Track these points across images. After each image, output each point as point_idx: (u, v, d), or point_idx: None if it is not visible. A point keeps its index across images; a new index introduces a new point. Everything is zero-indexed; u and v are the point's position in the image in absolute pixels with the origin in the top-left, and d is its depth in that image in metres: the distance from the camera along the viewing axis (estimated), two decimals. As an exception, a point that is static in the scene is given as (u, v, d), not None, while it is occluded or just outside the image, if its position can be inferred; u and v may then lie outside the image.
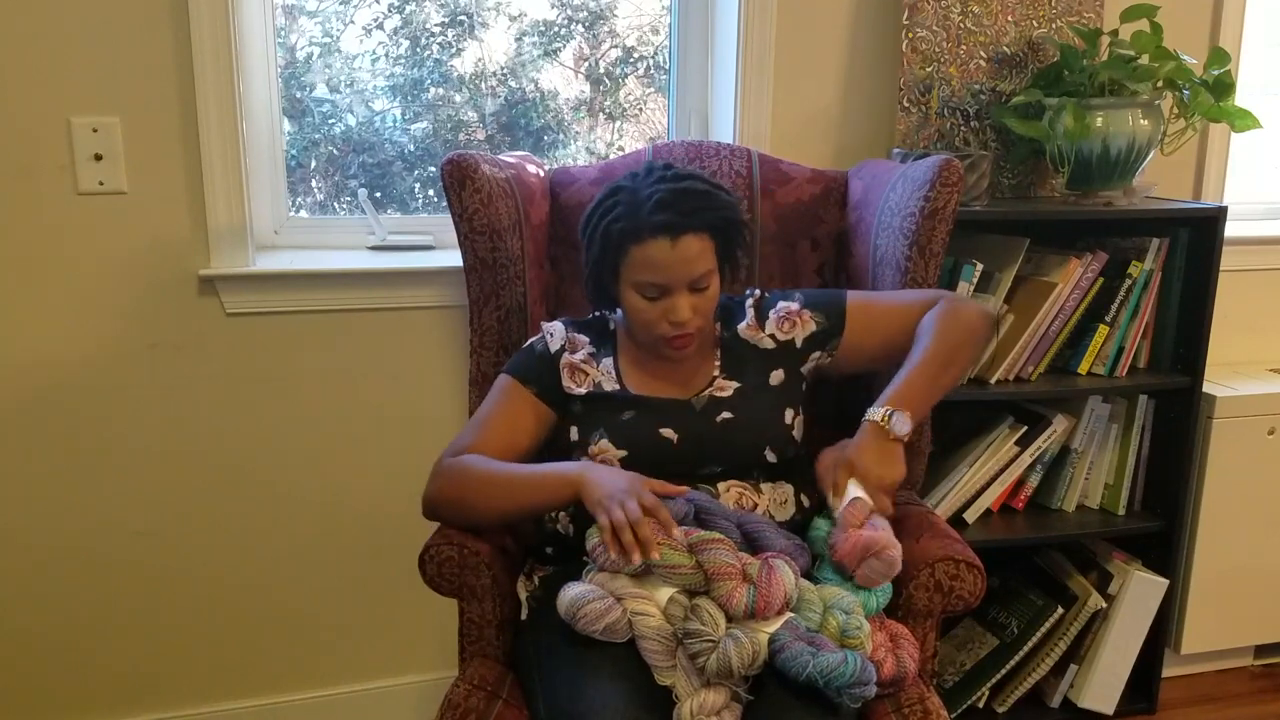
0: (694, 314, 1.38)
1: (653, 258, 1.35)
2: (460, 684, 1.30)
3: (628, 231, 1.36)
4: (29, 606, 1.85)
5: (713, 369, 1.49)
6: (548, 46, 2.09)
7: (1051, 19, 2.03)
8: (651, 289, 1.38)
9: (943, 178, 1.54)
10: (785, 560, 1.26)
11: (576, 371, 1.47)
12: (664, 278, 1.36)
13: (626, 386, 1.46)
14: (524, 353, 1.51)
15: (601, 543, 1.24)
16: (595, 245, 1.41)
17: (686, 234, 1.35)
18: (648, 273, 1.36)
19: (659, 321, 1.39)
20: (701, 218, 1.36)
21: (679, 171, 1.40)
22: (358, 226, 2.00)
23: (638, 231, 1.35)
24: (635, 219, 1.36)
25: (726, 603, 1.20)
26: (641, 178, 1.39)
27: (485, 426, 1.44)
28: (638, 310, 1.40)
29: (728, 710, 1.18)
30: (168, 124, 1.73)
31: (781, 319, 1.50)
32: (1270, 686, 2.29)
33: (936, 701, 1.28)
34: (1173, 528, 2.05)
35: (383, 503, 1.96)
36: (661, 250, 1.35)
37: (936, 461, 2.00)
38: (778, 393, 1.48)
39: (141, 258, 1.77)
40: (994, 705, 2.05)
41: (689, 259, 1.36)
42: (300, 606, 1.98)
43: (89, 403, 1.80)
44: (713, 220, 1.38)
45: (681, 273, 1.36)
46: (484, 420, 1.45)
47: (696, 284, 1.38)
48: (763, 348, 1.49)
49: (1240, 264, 2.27)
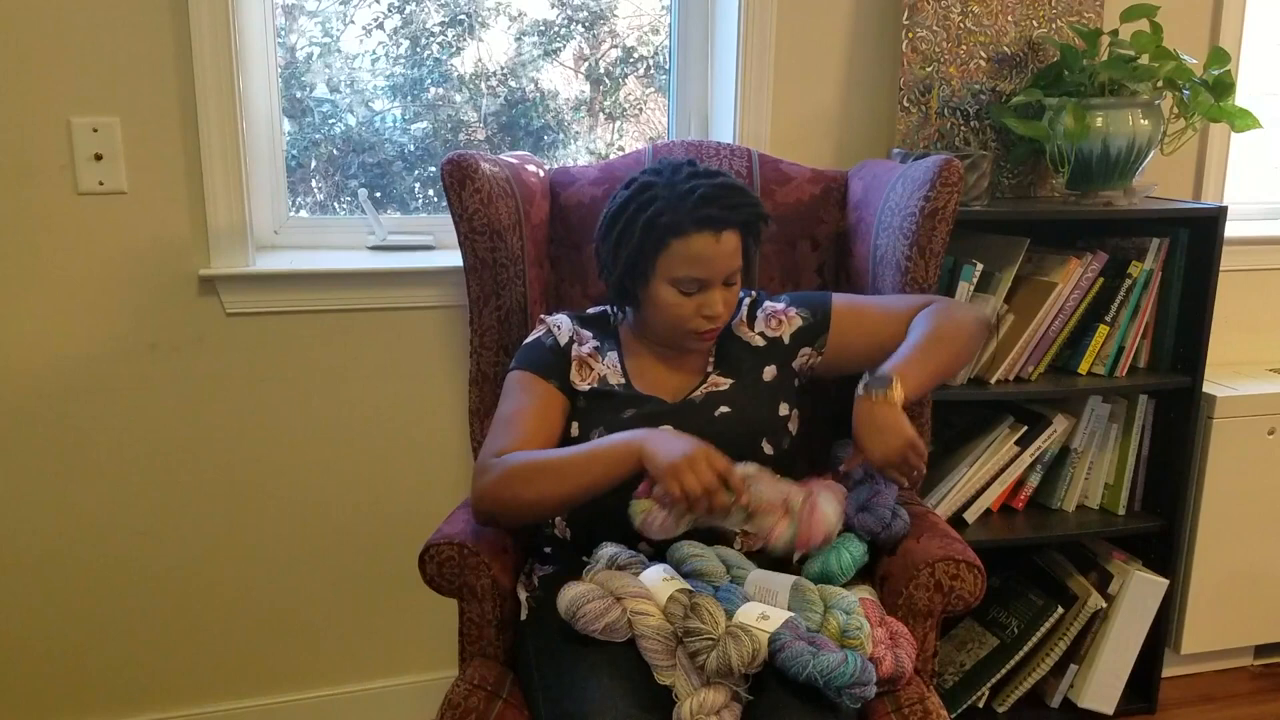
0: (725, 307, 1.41)
1: (698, 252, 1.36)
2: (460, 684, 1.30)
3: (671, 226, 1.35)
4: (29, 606, 1.85)
5: (707, 365, 1.50)
6: (548, 46, 2.09)
7: (1051, 19, 2.03)
8: (691, 283, 1.38)
9: (943, 178, 1.54)
10: (830, 493, 1.24)
11: (583, 366, 1.47)
12: (706, 272, 1.37)
13: (631, 382, 1.46)
14: (533, 348, 1.50)
15: (651, 512, 1.23)
16: (632, 238, 1.38)
17: (728, 229, 1.37)
18: (689, 267, 1.37)
19: (692, 316, 1.40)
20: (741, 213, 1.38)
21: (709, 168, 1.41)
22: (358, 226, 2.00)
23: (681, 225, 1.35)
24: (679, 213, 1.35)
25: (768, 538, 1.19)
26: (670, 174, 1.39)
27: (518, 423, 1.41)
28: (670, 305, 1.40)
29: (727, 710, 1.18)
30: (168, 124, 1.73)
31: (768, 317, 1.52)
32: (1270, 686, 2.29)
33: (936, 701, 1.28)
34: (1173, 528, 2.05)
35: (383, 502, 1.96)
36: (706, 245, 1.36)
37: (936, 461, 2.01)
38: (772, 387, 1.49)
39: (141, 258, 1.77)
40: (994, 705, 2.05)
41: (729, 254, 1.38)
42: (300, 606, 1.98)
43: (89, 402, 1.80)
44: (748, 216, 1.40)
45: (722, 267, 1.38)
46: (514, 417, 1.41)
47: (730, 278, 1.41)
48: (754, 345, 1.51)
49: (1240, 264, 2.27)
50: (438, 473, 1.98)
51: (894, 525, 1.40)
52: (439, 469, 1.98)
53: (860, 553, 1.40)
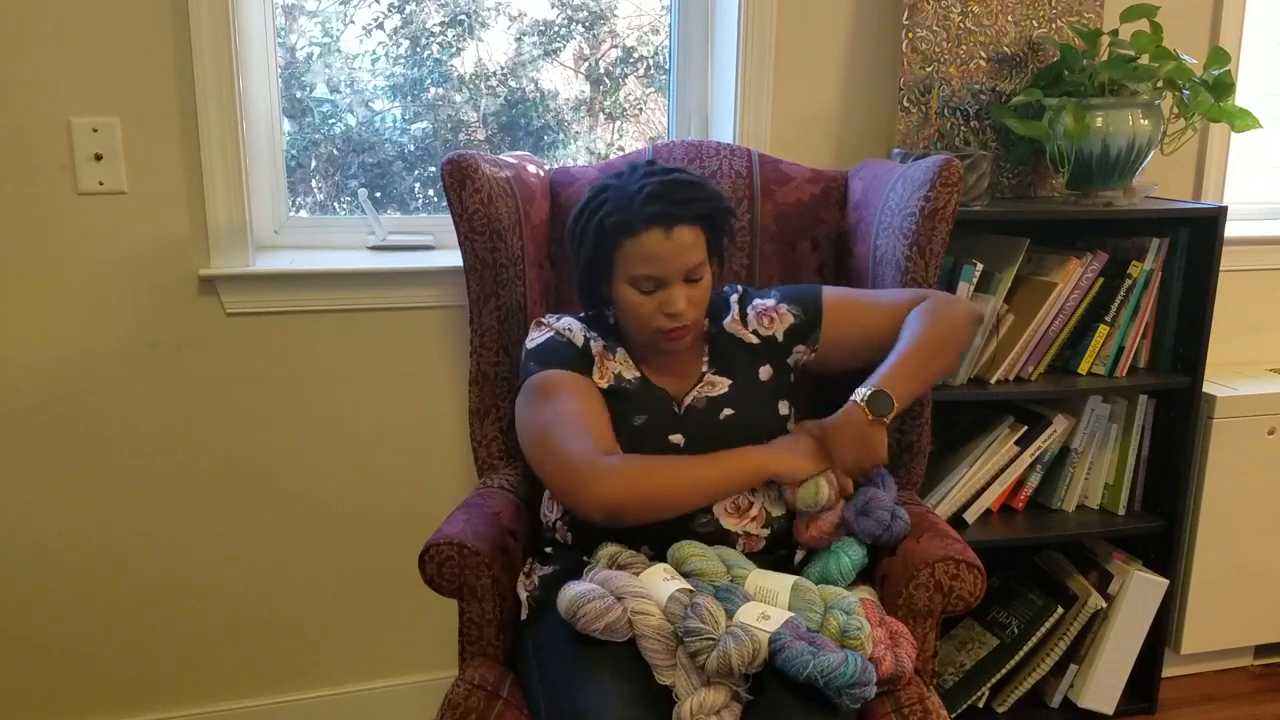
0: (689, 306, 1.38)
1: (648, 250, 1.35)
2: (460, 684, 1.30)
3: (621, 225, 1.35)
4: (29, 606, 1.85)
5: (700, 364, 1.49)
6: (548, 46, 2.09)
7: (1051, 19, 2.03)
8: (647, 282, 1.37)
9: (943, 178, 1.54)
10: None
11: (600, 364, 1.47)
12: (660, 269, 1.36)
13: (645, 375, 1.46)
14: (555, 348, 1.46)
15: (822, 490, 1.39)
16: (587, 242, 1.39)
17: (680, 225, 1.35)
18: (643, 266, 1.36)
19: (654, 315, 1.38)
20: (693, 208, 1.37)
21: (664, 166, 1.41)
22: (358, 226, 2.00)
23: (631, 224, 1.35)
24: (628, 212, 1.35)
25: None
26: (627, 175, 1.39)
27: (587, 422, 1.36)
28: (632, 305, 1.39)
29: (727, 710, 1.18)
30: (168, 124, 1.73)
31: (760, 315, 1.51)
32: (1270, 686, 2.29)
33: (936, 701, 1.28)
34: (1173, 528, 2.05)
35: (383, 502, 1.96)
36: (656, 242, 1.34)
37: (936, 461, 2.00)
38: (770, 388, 1.49)
39: (141, 258, 1.77)
40: (994, 705, 2.05)
41: (683, 250, 1.36)
42: (300, 606, 1.98)
43: (89, 402, 1.80)
44: (703, 210, 1.38)
45: (677, 264, 1.36)
46: (578, 417, 1.37)
47: (691, 274, 1.38)
48: (748, 343, 1.50)
49: (1240, 264, 2.27)
50: (438, 473, 1.98)
51: (894, 526, 1.40)
52: (439, 469, 1.98)
53: (860, 556, 1.40)
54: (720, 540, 1.38)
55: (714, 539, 1.37)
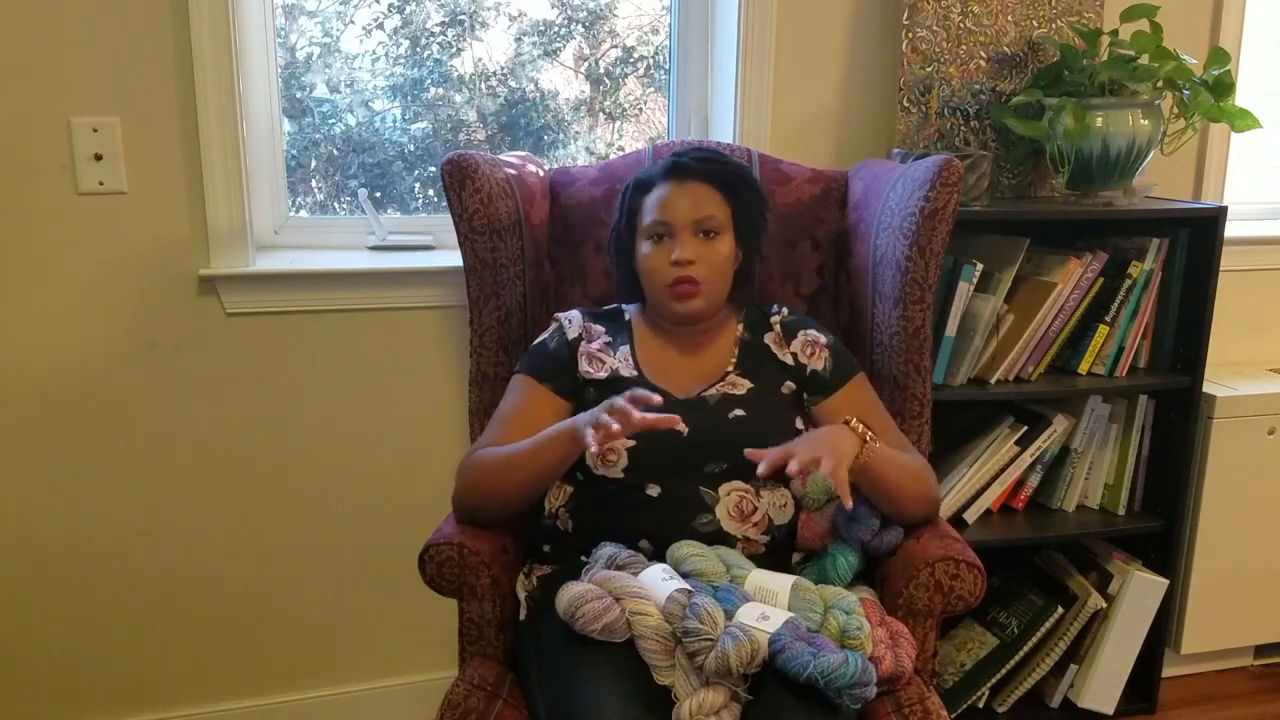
0: (699, 260, 1.42)
1: (661, 198, 1.44)
2: (460, 684, 1.30)
3: (642, 181, 1.49)
4: (29, 606, 1.85)
5: (727, 364, 1.50)
6: (548, 46, 2.09)
7: (1051, 19, 2.03)
8: (658, 227, 1.44)
9: (943, 178, 1.54)
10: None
11: (594, 359, 1.49)
12: (669, 215, 1.43)
13: (644, 373, 1.47)
14: (534, 352, 1.53)
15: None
16: (621, 209, 1.51)
17: (694, 180, 1.44)
18: (654, 213, 1.44)
19: (663, 267, 1.43)
20: (710, 167, 1.45)
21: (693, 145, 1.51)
22: (358, 226, 2.00)
23: (650, 179, 1.47)
24: (649, 172, 1.49)
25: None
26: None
27: (505, 423, 1.46)
28: (646, 260, 1.46)
29: (727, 710, 1.18)
30: (168, 124, 1.73)
31: (808, 343, 1.52)
32: (1270, 686, 2.29)
33: (936, 701, 1.29)
34: (1173, 528, 2.05)
35: (383, 502, 1.96)
36: (670, 191, 1.44)
37: (936, 461, 2.00)
38: (790, 401, 1.49)
39: (141, 258, 1.77)
40: (994, 705, 2.05)
41: (695, 200, 1.43)
42: (300, 606, 1.98)
43: (89, 402, 1.80)
44: (721, 172, 1.45)
45: (685, 210, 1.42)
46: (503, 418, 1.48)
47: (703, 226, 1.43)
48: (781, 360, 1.52)
49: (1240, 264, 2.27)
50: (438, 473, 1.97)
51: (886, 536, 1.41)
52: (439, 469, 1.97)
53: (855, 560, 1.40)
54: (720, 541, 1.38)
55: (714, 540, 1.37)
